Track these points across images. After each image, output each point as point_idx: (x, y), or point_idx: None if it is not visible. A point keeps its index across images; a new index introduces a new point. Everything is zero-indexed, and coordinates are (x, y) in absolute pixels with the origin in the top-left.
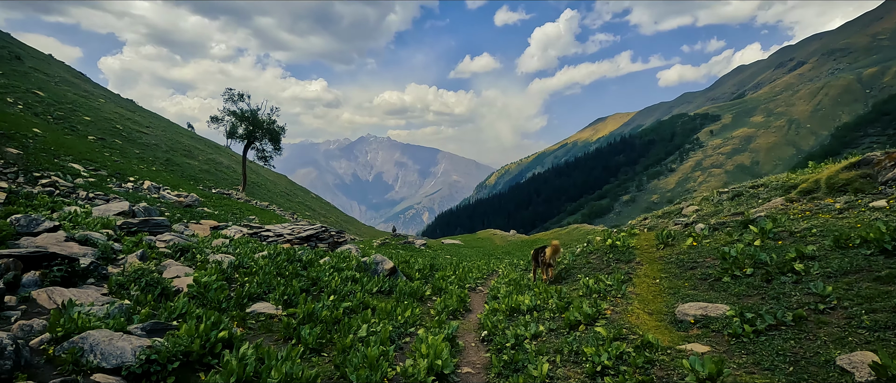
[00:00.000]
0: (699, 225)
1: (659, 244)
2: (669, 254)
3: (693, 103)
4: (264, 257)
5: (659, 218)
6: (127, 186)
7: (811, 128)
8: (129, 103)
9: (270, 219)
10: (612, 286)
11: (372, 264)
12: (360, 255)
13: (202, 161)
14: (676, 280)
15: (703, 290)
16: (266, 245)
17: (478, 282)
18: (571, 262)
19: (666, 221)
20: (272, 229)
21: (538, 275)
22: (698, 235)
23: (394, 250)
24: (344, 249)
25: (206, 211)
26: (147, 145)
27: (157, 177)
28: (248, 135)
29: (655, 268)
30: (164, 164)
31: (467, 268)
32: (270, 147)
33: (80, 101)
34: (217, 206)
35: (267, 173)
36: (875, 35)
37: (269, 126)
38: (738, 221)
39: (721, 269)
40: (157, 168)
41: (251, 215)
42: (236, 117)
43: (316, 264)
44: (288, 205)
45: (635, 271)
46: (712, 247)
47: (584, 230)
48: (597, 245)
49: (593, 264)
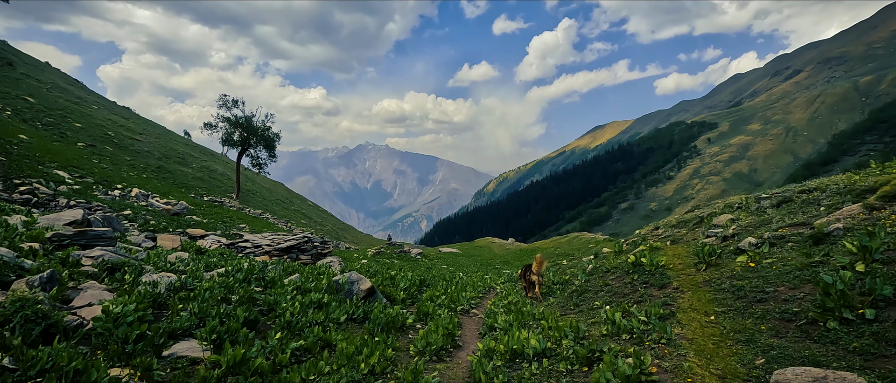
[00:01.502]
0: (747, 239)
1: (698, 263)
2: (717, 277)
3: (690, 111)
4: (220, 275)
5: (673, 227)
6: (114, 194)
7: (808, 136)
8: (125, 110)
9: (262, 228)
10: (649, 324)
11: (346, 284)
12: (341, 270)
13: (196, 168)
14: (741, 318)
15: (794, 340)
16: (241, 257)
17: (472, 303)
18: (584, 283)
19: (687, 232)
20: (251, 240)
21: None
22: (754, 253)
23: (388, 260)
24: (325, 262)
25: (194, 219)
26: (139, 152)
27: (147, 185)
28: (242, 141)
29: (703, 298)
30: (156, 172)
31: (462, 283)
32: (265, 154)
33: (71, 108)
34: (207, 215)
35: (263, 181)
36: (870, 44)
37: (264, 132)
38: (804, 235)
39: (816, 307)
40: (148, 175)
41: (242, 224)
42: (230, 124)
43: (278, 284)
44: (283, 213)
45: (676, 301)
46: (782, 270)
47: (584, 238)
48: (613, 261)
49: (613, 287)
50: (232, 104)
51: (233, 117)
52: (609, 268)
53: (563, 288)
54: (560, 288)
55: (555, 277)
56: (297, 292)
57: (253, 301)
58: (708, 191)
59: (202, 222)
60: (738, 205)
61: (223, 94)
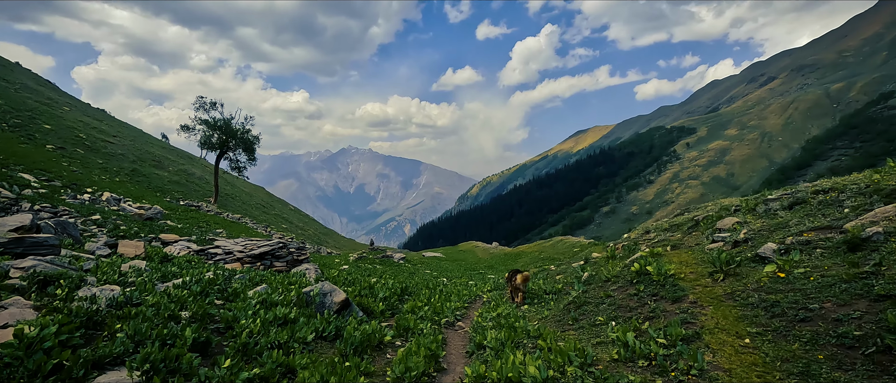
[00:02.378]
0: (767, 244)
1: (714, 272)
2: (740, 289)
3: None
4: (176, 287)
5: (666, 231)
6: (83, 198)
7: (783, 141)
8: (99, 112)
9: (240, 233)
10: (671, 347)
11: (317, 296)
12: (316, 279)
13: (173, 172)
14: (785, 342)
15: (868, 375)
16: (210, 265)
17: (458, 315)
18: (582, 294)
19: (683, 236)
20: (222, 246)
21: (515, 299)
22: (784, 261)
23: (370, 265)
24: (301, 270)
25: (168, 224)
26: (112, 155)
27: (120, 189)
28: (220, 144)
29: (729, 315)
30: (129, 175)
31: (446, 292)
32: (244, 157)
33: (41, 109)
34: (183, 219)
35: (243, 185)
36: (841, 52)
37: (243, 135)
38: (834, 240)
39: (890, 331)
40: (121, 179)
41: (219, 229)
42: (208, 126)
43: (242, 297)
44: (263, 217)
45: (697, 318)
46: (822, 283)
47: (568, 242)
48: (611, 269)
49: (617, 300)
50: (210, 106)
51: (211, 119)
52: (608, 276)
53: (556, 298)
54: (554, 299)
55: (546, 285)
56: (261, 306)
57: (208, 318)
58: (687, 194)
59: (177, 227)
60: (736, 208)
61: (200, 95)
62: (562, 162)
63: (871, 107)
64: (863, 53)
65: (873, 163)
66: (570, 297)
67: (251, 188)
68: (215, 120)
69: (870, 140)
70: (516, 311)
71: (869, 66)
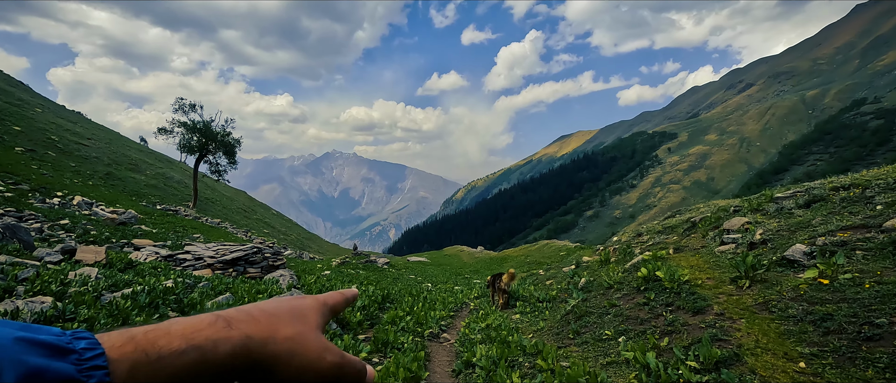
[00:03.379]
0: (795, 246)
1: (738, 279)
2: (774, 298)
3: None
4: (123, 297)
5: (659, 234)
6: (52, 202)
7: (761, 147)
8: (75, 115)
9: (219, 238)
10: (706, 372)
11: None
12: (289, 286)
13: (150, 175)
14: (852, 366)
15: None
16: (174, 272)
17: (443, 325)
18: (581, 303)
19: (680, 239)
20: (192, 251)
21: (497, 301)
22: (826, 265)
23: (353, 270)
24: (275, 276)
25: (143, 229)
26: (86, 158)
27: (93, 193)
28: (200, 147)
29: (770, 330)
30: (104, 179)
31: (431, 299)
32: (225, 160)
33: (10, 110)
34: (158, 224)
35: (224, 189)
36: (815, 59)
37: (224, 138)
38: (877, 240)
39: None
40: (95, 182)
41: (196, 233)
42: (187, 129)
43: (199, 309)
44: (244, 222)
45: (730, 334)
46: (883, 291)
47: (554, 246)
48: (613, 274)
49: (623, 310)
50: (189, 108)
51: (190, 122)
52: (610, 282)
53: (551, 306)
54: (549, 308)
55: (538, 292)
56: None
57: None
58: (669, 198)
59: (151, 232)
60: (735, 208)
61: (179, 97)
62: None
63: (844, 113)
64: (836, 61)
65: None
66: (569, 306)
67: (232, 192)
68: (194, 122)
69: (843, 145)
70: (508, 321)
71: (842, 74)
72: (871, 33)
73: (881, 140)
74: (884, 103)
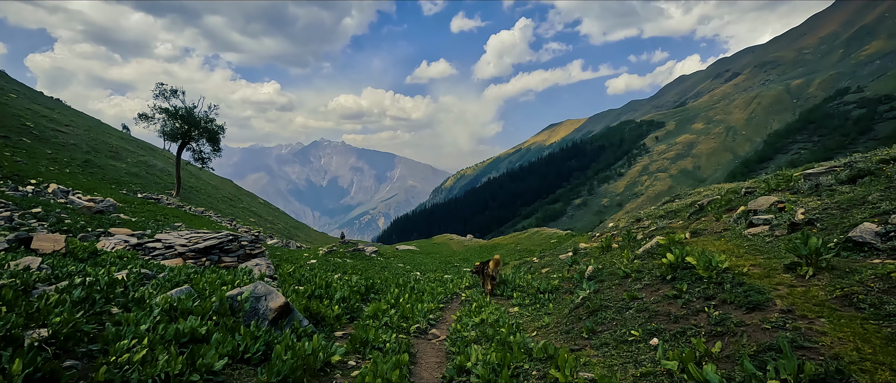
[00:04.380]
0: (863, 225)
1: (798, 266)
2: (858, 291)
3: (639, 111)
4: (59, 290)
5: (661, 218)
6: (26, 190)
7: (746, 135)
8: (53, 102)
9: (202, 226)
10: None
11: (246, 302)
12: (260, 276)
13: (131, 163)
14: None
15: None
16: (141, 262)
17: (431, 319)
18: (593, 296)
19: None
20: (164, 239)
21: (486, 287)
22: None
23: (340, 259)
24: (250, 265)
25: (121, 218)
26: (63, 145)
27: (69, 180)
28: (182, 134)
29: (871, 335)
30: (82, 166)
31: (418, 289)
32: (208, 148)
33: None
34: (138, 213)
35: (209, 177)
36: (800, 49)
37: (207, 124)
38: None
39: None
40: (72, 170)
41: (178, 222)
42: (169, 115)
43: (142, 305)
44: (229, 211)
45: (814, 339)
46: None
47: (544, 234)
48: (627, 261)
49: (648, 304)
50: (171, 94)
51: (172, 108)
52: (626, 270)
53: (555, 298)
54: (552, 299)
55: (536, 281)
56: (164, 317)
57: (74, 338)
58: (656, 187)
59: (130, 221)
60: (747, 190)
61: (160, 82)
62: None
63: (827, 102)
64: (820, 51)
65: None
66: (577, 298)
67: (218, 181)
68: (176, 108)
69: (826, 134)
70: (505, 316)
71: (826, 64)
72: (854, 24)
73: (863, 129)
74: (866, 93)
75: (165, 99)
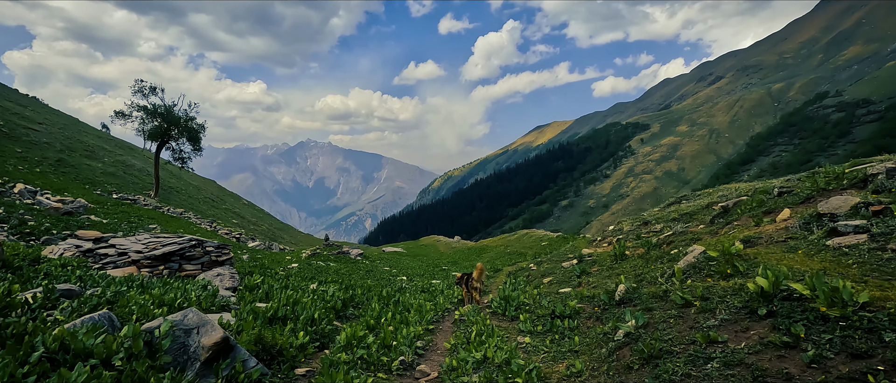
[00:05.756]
0: None
1: None
2: None
3: (625, 113)
4: None
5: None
6: None
7: (729, 138)
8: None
9: (179, 228)
10: None
11: (164, 340)
12: (234, 287)
13: (108, 162)
14: None
15: None
16: (82, 272)
17: (419, 347)
18: (646, 335)
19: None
20: (119, 244)
21: (473, 298)
22: None
23: (324, 262)
24: (211, 275)
25: (91, 219)
26: (35, 143)
27: (39, 180)
28: (162, 133)
29: None
30: (54, 165)
31: (404, 304)
32: (189, 147)
33: None
34: (112, 214)
35: (191, 178)
36: (781, 53)
37: (187, 123)
38: None
39: None
40: (43, 169)
41: (153, 224)
42: (147, 113)
43: (19, 345)
44: (211, 212)
45: None
46: None
47: (535, 235)
48: (681, 283)
49: (739, 354)
50: (149, 91)
51: (150, 106)
52: (686, 296)
53: (578, 327)
54: (574, 328)
55: (547, 300)
56: (43, 364)
57: None
58: (642, 188)
59: (101, 223)
60: (780, 190)
61: (138, 78)
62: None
63: (808, 106)
64: (801, 55)
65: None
66: (618, 334)
67: (201, 182)
68: (155, 106)
69: (806, 137)
70: (516, 352)
71: (806, 68)
72: (833, 29)
73: (842, 132)
74: (845, 97)
75: (144, 96)
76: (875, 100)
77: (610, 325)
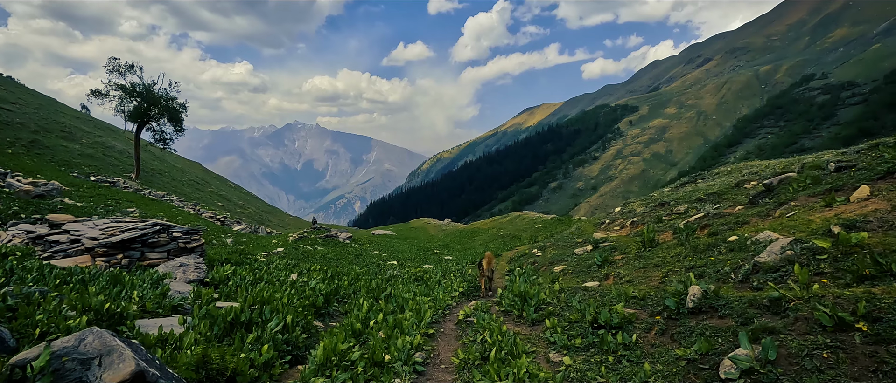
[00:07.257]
0: None
1: None
2: None
3: (614, 95)
4: None
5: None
6: None
7: (717, 120)
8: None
9: (159, 211)
10: None
11: (38, 373)
12: (197, 279)
13: (86, 144)
14: None
15: None
16: (20, 265)
17: (418, 362)
18: (774, 375)
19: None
20: (74, 230)
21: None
22: None
23: (311, 246)
24: (169, 267)
25: (65, 203)
26: (7, 124)
27: (10, 162)
28: (141, 113)
29: None
30: (27, 146)
31: (398, 298)
32: (170, 128)
33: None
34: (87, 197)
35: (174, 160)
36: (769, 36)
37: (168, 103)
38: None
39: None
40: (16, 150)
41: (132, 207)
42: (125, 92)
43: None
44: (195, 195)
45: None
46: None
47: (528, 218)
48: (807, 296)
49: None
50: (126, 69)
51: (128, 85)
52: (827, 319)
53: (638, 344)
54: (632, 345)
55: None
56: None
57: None
58: (630, 170)
59: (76, 206)
60: (837, 164)
61: (112, 57)
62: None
63: (794, 88)
64: (788, 38)
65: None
66: (728, 368)
67: (185, 164)
68: (133, 85)
69: (792, 119)
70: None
71: (793, 51)
72: (820, 11)
73: (827, 114)
74: (830, 79)
75: (120, 75)
76: (860, 82)
77: (695, 348)
